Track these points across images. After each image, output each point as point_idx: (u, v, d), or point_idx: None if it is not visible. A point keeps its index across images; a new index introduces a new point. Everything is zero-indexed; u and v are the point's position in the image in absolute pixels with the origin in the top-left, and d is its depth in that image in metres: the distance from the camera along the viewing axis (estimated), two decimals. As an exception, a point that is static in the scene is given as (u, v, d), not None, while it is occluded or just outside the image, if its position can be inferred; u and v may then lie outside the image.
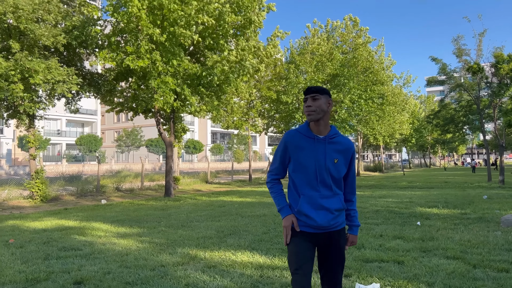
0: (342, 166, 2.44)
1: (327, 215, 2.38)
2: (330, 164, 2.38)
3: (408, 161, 63.11)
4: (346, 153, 2.46)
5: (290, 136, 2.47)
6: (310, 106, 2.39)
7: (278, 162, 2.53)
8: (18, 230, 7.69)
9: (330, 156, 2.39)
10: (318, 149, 2.39)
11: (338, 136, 2.46)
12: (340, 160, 2.43)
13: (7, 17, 11.62)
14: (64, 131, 52.97)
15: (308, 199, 2.38)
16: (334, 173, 2.40)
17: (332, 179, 2.41)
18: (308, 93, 2.44)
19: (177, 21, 12.51)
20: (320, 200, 2.38)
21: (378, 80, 28.69)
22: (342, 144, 2.46)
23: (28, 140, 13.79)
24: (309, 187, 2.39)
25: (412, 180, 24.36)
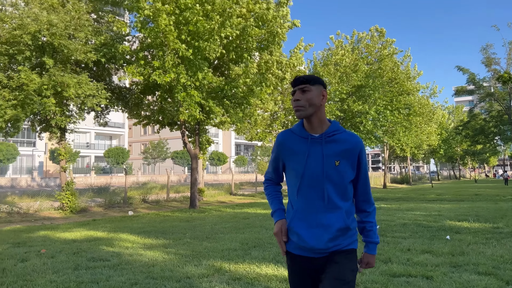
0: (347, 170, 1.95)
1: (323, 235, 1.90)
2: (330, 168, 1.91)
3: (437, 173, 61.54)
4: (351, 153, 1.96)
5: (283, 138, 2.05)
6: (298, 100, 1.94)
7: (271, 167, 2.18)
8: (49, 240, 7.91)
9: (328, 159, 1.92)
10: (313, 151, 1.94)
11: (340, 132, 1.99)
12: (344, 162, 1.94)
13: (41, 34, 12.13)
14: (93, 144, 54.40)
15: (302, 214, 1.94)
16: (336, 179, 1.92)
17: (333, 187, 1.92)
18: (295, 84, 1.98)
19: (202, 36, 12.76)
20: (315, 216, 1.91)
21: (404, 91, 28.30)
22: (345, 142, 1.96)
23: (59, 152, 14.24)
24: (303, 199, 1.94)
25: (441, 193, 23.73)
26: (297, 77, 1.98)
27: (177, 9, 12.72)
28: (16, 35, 11.82)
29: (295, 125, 2.07)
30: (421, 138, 35.19)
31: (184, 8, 12.63)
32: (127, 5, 13.14)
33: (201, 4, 12.70)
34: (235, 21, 12.99)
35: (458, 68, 22.93)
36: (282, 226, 2.01)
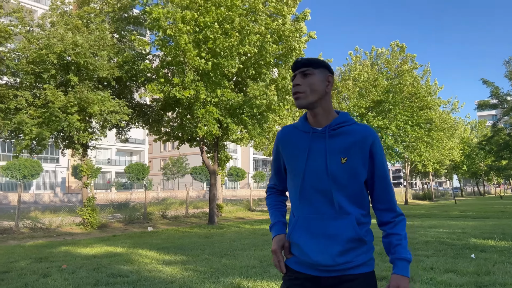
0: (357, 167, 1.62)
1: (330, 248, 1.57)
2: (335, 166, 1.60)
3: (460, 189, 60.04)
4: (362, 146, 1.63)
5: (283, 133, 1.77)
6: (298, 84, 1.65)
7: (273, 170, 1.88)
8: (70, 255, 8.02)
9: (333, 156, 1.61)
10: (315, 147, 1.64)
11: (350, 124, 1.67)
12: (352, 158, 1.61)
13: (67, 54, 12.55)
14: (114, 160, 55.29)
15: (304, 222, 1.63)
16: (342, 179, 1.60)
17: (340, 189, 1.60)
18: (296, 67, 1.68)
19: (221, 53, 12.95)
20: (321, 224, 1.60)
21: (424, 106, 27.96)
22: (353, 134, 1.64)
23: (81, 169, 14.53)
24: (306, 204, 1.63)
25: (465, 209, 23.10)
26: (298, 59, 1.69)
27: (196, 27, 12.98)
28: (43, 54, 12.25)
29: (299, 119, 1.76)
30: (443, 153, 34.52)
31: (203, 26, 12.89)
32: (148, 24, 13.49)
33: (220, 23, 12.93)
34: (254, 38, 13.16)
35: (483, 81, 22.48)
36: (281, 242, 1.68)
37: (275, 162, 1.85)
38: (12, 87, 13.20)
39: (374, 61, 28.04)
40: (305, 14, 15.22)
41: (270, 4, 14.39)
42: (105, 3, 15.06)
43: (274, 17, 14.50)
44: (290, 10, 14.64)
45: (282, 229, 1.73)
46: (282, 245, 1.68)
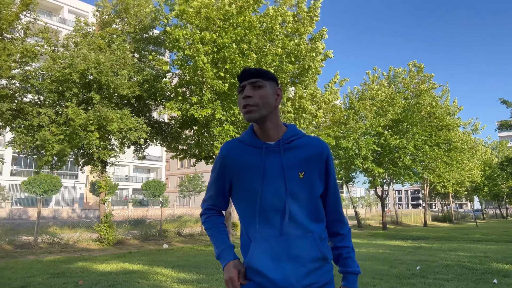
0: (314, 181, 1.57)
1: (296, 270, 1.49)
2: (293, 182, 1.53)
3: (482, 211, 58.44)
4: (318, 160, 1.58)
5: (229, 148, 1.62)
6: (249, 96, 1.53)
7: (214, 188, 1.69)
8: (86, 271, 8.07)
9: (290, 171, 1.54)
10: (270, 163, 1.54)
11: (300, 137, 1.60)
12: (310, 172, 1.56)
13: (89, 73, 12.91)
14: (132, 177, 55.88)
15: (263, 244, 1.52)
16: (302, 195, 1.54)
17: (300, 206, 1.53)
18: (244, 77, 1.57)
19: (238, 73, 13.12)
20: (283, 245, 1.50)
21: (443, 126, 27.60)
22: (308, 147, 1.58)
23: (99, 185, 14.73)
24: (265, 226, 1.52)
25: (487, 233, 22.44)
26: (246, 68, 1.58)
27: (215, 48, 13.22)
28: (66, 73, 12.63)
29: (243, 133, 1.64)
30: (462, 174, 33.84)
31: (221, 47, 13.12)
32: (168, 44, 13.81)
33: (237, 43, 13.15)
34: (270, 59, 13.32)
35: (502, 101, 22.05)
36: (237, 267, 1.54)
37: (218, 180, 1.66)
38: (36, 105, 13.60)
39: (391, 81, 27.95)
40: (322, 33, 15.33)
41: (287, 24, 14.59)
42: (127, 24, 15.52)
43: (291, 37, 14.67)
44: (307, 29, 14.80)
45: (234, 254, 1.60)
46: (236, 273, 1.53)
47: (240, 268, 1.54)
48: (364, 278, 6.95)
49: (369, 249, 12.48)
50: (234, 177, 1.60)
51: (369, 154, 23.80)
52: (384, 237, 19.00)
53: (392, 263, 9.06)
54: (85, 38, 14.51)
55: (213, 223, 1.69)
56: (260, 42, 13.25)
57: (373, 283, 6.61)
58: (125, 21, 15.63)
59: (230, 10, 12.94)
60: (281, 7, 14.52)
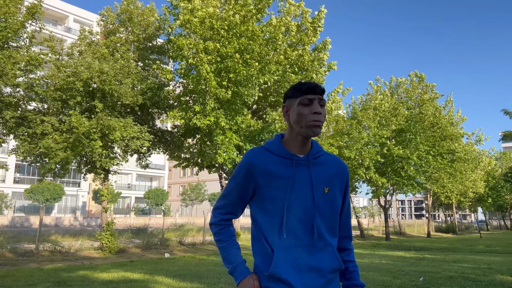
0: (336, 198, 1.64)
1: (317, 281, 1.54)
2: (320, 196, 1.59)
3: (485, 222, 57.99)
4: (341, 178, 1.67)
5: (256, 156, 1.62)
6: (319, 113, 1.57)
7: (235, 196, 1.68)
8: (87, 280, 8.03)
9: (318, 185, 1.59)
10: (300, 176, 1.58)
11: (323, 154, 1.67)
12: (333, 188, 1.63)
13: (93, 81, 12.99)
14: (134, 185, 55.87)
15: (288, 255, 1.54)
16: (326, 210, 1.60)
17: (323, 220, 1.59)
18: (315, 91, 1.59)
19: (241, 82, 13.19)
20: (306, 256, 1.55)
21: (446, 136, 27.55)
22: (332, 164, 1.66)
23: (102, 193, 14.73)
24: (290, 237, 1.55)
25: (491, 244, 22.23)
26: (316, 84, 1.60)
27: (218, 57, 13.30)
28: (70, 82, 12.71)
29: (269, 143, 1.66)
30: (466, 185, 33.68)
31: (225, 56, 13.20)
32: (172, 53, 13.90)
33: (241, 52, 13.23)
34: (273, 68, 13.38)
35: (505, 112, 21.98)
36: (256, 280, 1.56)
37: (241, 188, 1.64)
38: (40, 113, 13.67)
39: (394, 91, 27.99)
40: (325, 43, 15.42)
41: (290, 33, 14.68)
42: (131, 33, 15.65)
43: (295, 47, 14.75)
44: (311, 40, 14.88)
45: (247, 270, 1.62)
46: (253, 286, 1.56)
47: (256, 283, 1.56)
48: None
49: (372, 260, 12.38)
50: (260, 185, 1.60)
51: (371, 165, 23.74)
52: (387, 247, 18.86)
53: (395, 274, 8.97)
54: (90, 47, 14.63)
55: (227, 235, 1.68)
56: (263, 51, 13.32)
57: (375, 294, 6.53)
58: (129, 30, 15.77)
59: (234, 20, 13.04)
60: (285, 17, 14.62)
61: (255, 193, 1.63)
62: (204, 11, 13.18)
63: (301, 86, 1.60)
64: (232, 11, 13.34)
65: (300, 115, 1.57)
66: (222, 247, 1.67)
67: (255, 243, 1.65)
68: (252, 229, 1.67)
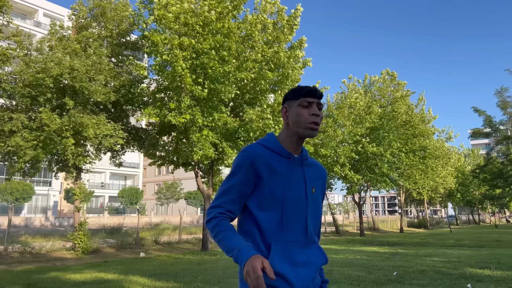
0: (320, 199, 1.76)
1: (309, 274, 1.62)
2: (310, 195, 1.67)
3: (455, 217, 59.86)
4: (322, 181, 1.78)
5: (257, 151, 1.64)
6: (317, 115, 1.65)
7: (233, 193, 1.62)
8: (59, 282, 7.82)
9: (310, 185, 1.68)
10: (295, 174, 1.65)
11: (310, 157, 1.78)
12: (318, 189, 1.74)
13: (63, 78, 12.63)
14: (108, 184, 54.81)
15: (284, 249, 1.58)
16: (314, 208, 1.69)
17: (311, 217, 1.67)
18: (316, 95, 1.67)
19: (217, 79, 13.10)
20: (300, 251, 1.61)
21: (418, 133, 28.23)
22: (317, 167, 1.77)
23: (74, 192, 14.37)
24: (287, 232, 1.60)
25: (460, 238, 22.96)
26: (316, 88, 1.66)
27: (194, 53, 13.17)
28: (39, 78, 12.31)
29: (266, 140, 1.69)
30: (437, 181, 34.61)
31: (200, 53, 13.08)
32: (146, 49, 13.67)
33: (217, 49, 13.13)
34: (250, 65, 13.35)
35: (474, 110, 22.69)
36: (263, 261, 1.40)
37: (242, 184, 1.61)
38: (8, 110, 13.20)
39: (367, 89, 28.44)
40: (302, 41, 15.49)
41: (267, 31, 14.68)
42: (104, 28, 15.29)
43: (271, 44, 14.75)
44: (287, 38, 14.92)
45: (255, 251, 1.48)
46: (261, 263, 1.40)
47: (266, 263, 1.40)
48: (342, 285, 6.98)
49: (347, 255, 12.56)
50: (261, 180, 1.61)
51: (346, 162, 24.08)
52: (361, 243, 19.19)
53: (370, 269, 9.13)
54: (60, 42, 14.21)
55: (226, 225, 1.58)
56: (240, 48, 13.27)
57: (351, 289, 6.63)
58: (102, 25, 15.39)
59: (210, 16, 12.93)
60: (261, 14, 14.61)
61: (255, 189, 1.63)
62: (178, 7, 13.01)
63: (302, 89, 1.67)
64: (207, 7, 13.22)
65: (299, 116, 1.64)
66: (223, 237, 1.54)
67: (246, 238, 1.61)
68: (243, 225, 1.65)
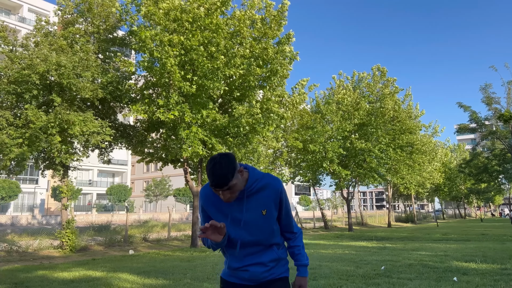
0: (273, 213, 2.18)
1: (259, 269, 2.17)
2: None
3: (442, 211, 60.73)
4: (274, 196, 2.15)
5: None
6: (228, 196, 2.01)
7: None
8: (46, 280, 7.75)
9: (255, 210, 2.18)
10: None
11: (259, 178, 2.10)
12: (270, 208, 2.14)
13: (50, 74, 12.44)
14: (96, 181, 54.30)
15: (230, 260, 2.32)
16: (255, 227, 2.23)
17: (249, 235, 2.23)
18: (216, 187, 1.97)
19: (206, 75, 13.04)
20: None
21: (406, 129, 28.51)
22: (266, 189, 2.12)
23: (61, 190, 14.22)
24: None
25: (447, 232, 23.32)
26: (216, 183, 1.92)
27: (182, 50, 13.08)
28: (25, 74, 12.12)
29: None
30: (424, 176, 35.02)
31: (189, 49, 13.00)
32: (134, 45, 13.54)
33: (205, 45, 13.07)
34: (239, 61, 13.32)
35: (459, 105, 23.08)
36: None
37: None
38: (-8, 107, 12.98)
39: (356, 85, 28.60)
40: (289, 36, 15.44)
41: (255, 27, 14.64)
42: (90, 24, 15.09)
43: (259, 40, 14.72)
44: (275, 33, 14.90)
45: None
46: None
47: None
48: (331, 279, 7.04)
49: (335, 250, 12.67)
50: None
51: (335, 157, 24.24)
52: (350, 238, 19.36)
53: (358, 263, 9.23)
54: (46, 38, 13.99)
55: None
56: (228, 44, 13.23)
57: (339, 284, 6.70)
58: (88, 21, 15.19)
59: (199, 12, 12.86)
60: (249, 10, 14.56)
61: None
62: (168, 3, 12.91)
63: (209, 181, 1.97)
64: (196, 3, 13.14)
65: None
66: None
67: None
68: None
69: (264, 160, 23.61)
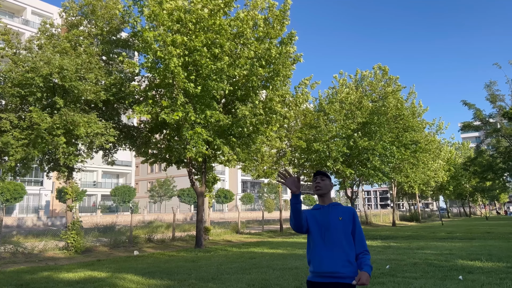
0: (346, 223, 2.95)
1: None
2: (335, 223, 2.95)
3: (446, 210, 60.45)
4: (349, 214, 2.96)
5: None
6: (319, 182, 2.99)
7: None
8: (52, 281, 7.79)
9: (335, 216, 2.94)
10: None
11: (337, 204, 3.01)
12: (344, 218, 2.91)
13: (53, 77, 12.50)
14: (100, 182, 54.47)
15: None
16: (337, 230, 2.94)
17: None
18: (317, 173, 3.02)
19: (210, 75, 13.06)
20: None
21: (409, 127, 28.42)
22: (344, 208, 3.01)
23: (66, 191, 14.28)
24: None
25: (452, 231, 23.22)
26: (320, 172, 3.00)
27: (186, 51, 13.11)
28: (29, 77, 12.18)
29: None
30: (428, 174, 34.89)
31: (192, 50, 13.02)
32: (138, 46, 13.56)
33: (209, 46, 13.08)
34: (242, 62, 13.33)
35: (464, 103, 22.94)
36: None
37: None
38: (-3, 109, 13.06)
39: (358, 84, 28.54)
40: (292, 35, 15.41)
41: (258, 28, 14.64)
42: (94, 26, 15.15)
43: (262, 40, 14.71)
44: (278, 33, 14.89)
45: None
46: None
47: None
48: (336, 279, 7.03)
49: (340, 250, 12.62)
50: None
51: (339, 156, 24.19)
52: (354, 237, 19.26)
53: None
54: (50, 40, 14.06)
55: None
56: (232, 45, 13.24)
57: (344, 283, 6.68)
58: (92, 23, 15.25)
59: (202, 13, 12.87)
60: (252, 10, 14.57)
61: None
62: (172, 4, 12.93)
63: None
64: (200, 4, 13.15)
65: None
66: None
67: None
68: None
69: (268, 160, 23.59)
